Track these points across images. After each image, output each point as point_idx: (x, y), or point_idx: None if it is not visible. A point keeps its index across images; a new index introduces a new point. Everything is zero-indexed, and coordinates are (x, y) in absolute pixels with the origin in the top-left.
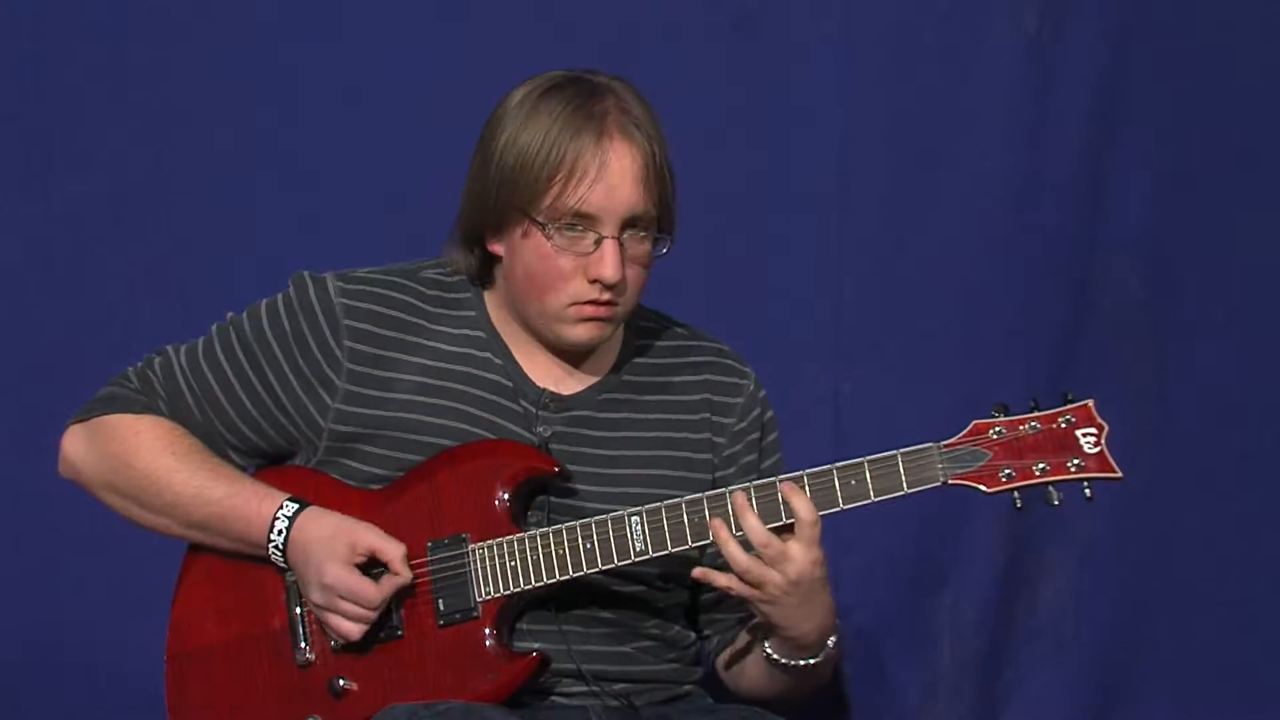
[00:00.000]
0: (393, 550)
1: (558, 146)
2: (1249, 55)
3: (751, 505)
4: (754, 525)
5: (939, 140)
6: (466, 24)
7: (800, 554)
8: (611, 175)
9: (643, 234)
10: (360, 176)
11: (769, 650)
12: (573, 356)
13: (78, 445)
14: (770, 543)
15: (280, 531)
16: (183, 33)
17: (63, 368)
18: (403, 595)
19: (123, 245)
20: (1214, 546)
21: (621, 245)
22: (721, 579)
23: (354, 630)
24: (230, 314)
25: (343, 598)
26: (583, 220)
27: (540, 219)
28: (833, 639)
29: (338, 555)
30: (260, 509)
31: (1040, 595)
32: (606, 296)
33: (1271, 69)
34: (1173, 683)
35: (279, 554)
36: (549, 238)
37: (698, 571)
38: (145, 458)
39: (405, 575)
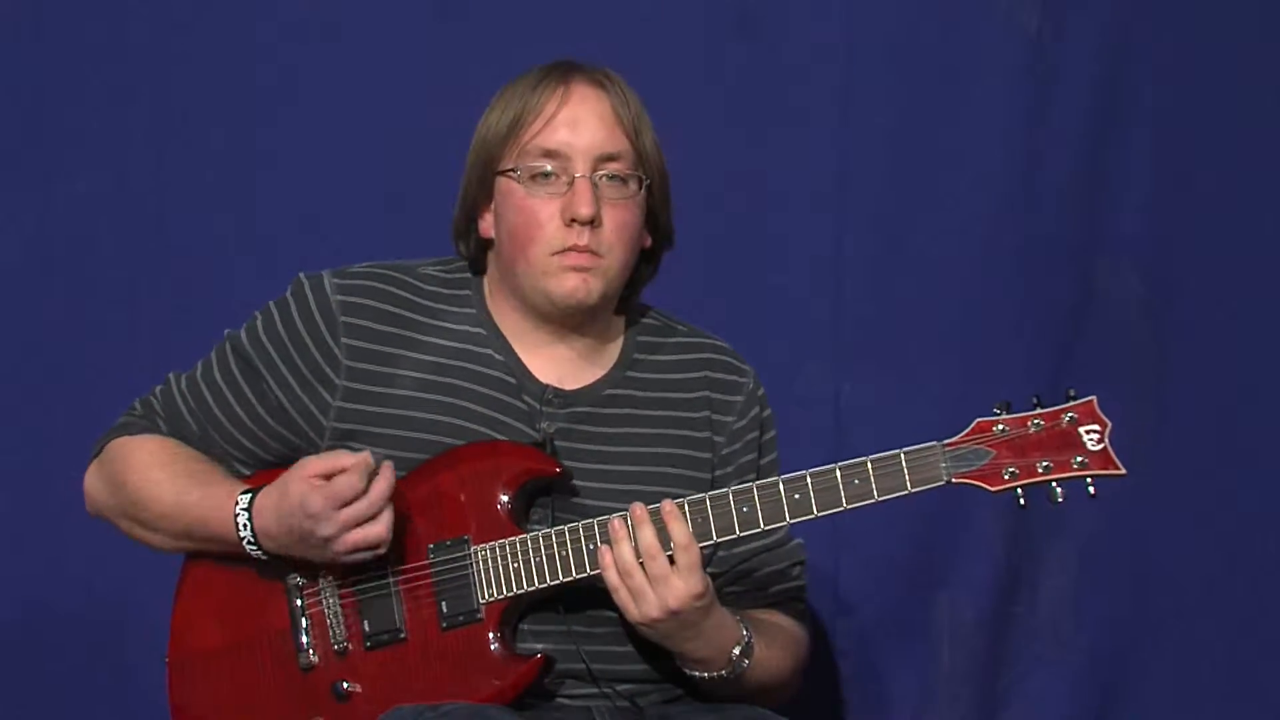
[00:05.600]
0: (343, 458)
1: (520, 99)
2: (1249, 55)
3: (649, 520)
4: (648, 538)
5: (939, 140)
6: (466, 24)
7: (679, 583)
8: (574, 110)
9: (619, 176)
10: (360, 176)
11: (678, 659)
12: (575, 351)
13: (94, 480)
14: (657, 555)
15: (244, 525)
16: (183, 33)
17: (63, 368)
18: (406, 598)
19: (123, 245)
20: (1214, 546)
21: (595, 185)
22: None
23: (379, 532)
24: (228, 330)
25: (340, 508)
26: (552, 159)
27: (511, 166)
28: (738, 648)
29: (304, 490)
30: (224, 508)
31: (1040, 595)
32: (585, 240)
33: (1271, 69)
34: (1173, 682)
35: (255, 548)
36: (520, 183)
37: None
38: (137, 473)
39: (363, 462)
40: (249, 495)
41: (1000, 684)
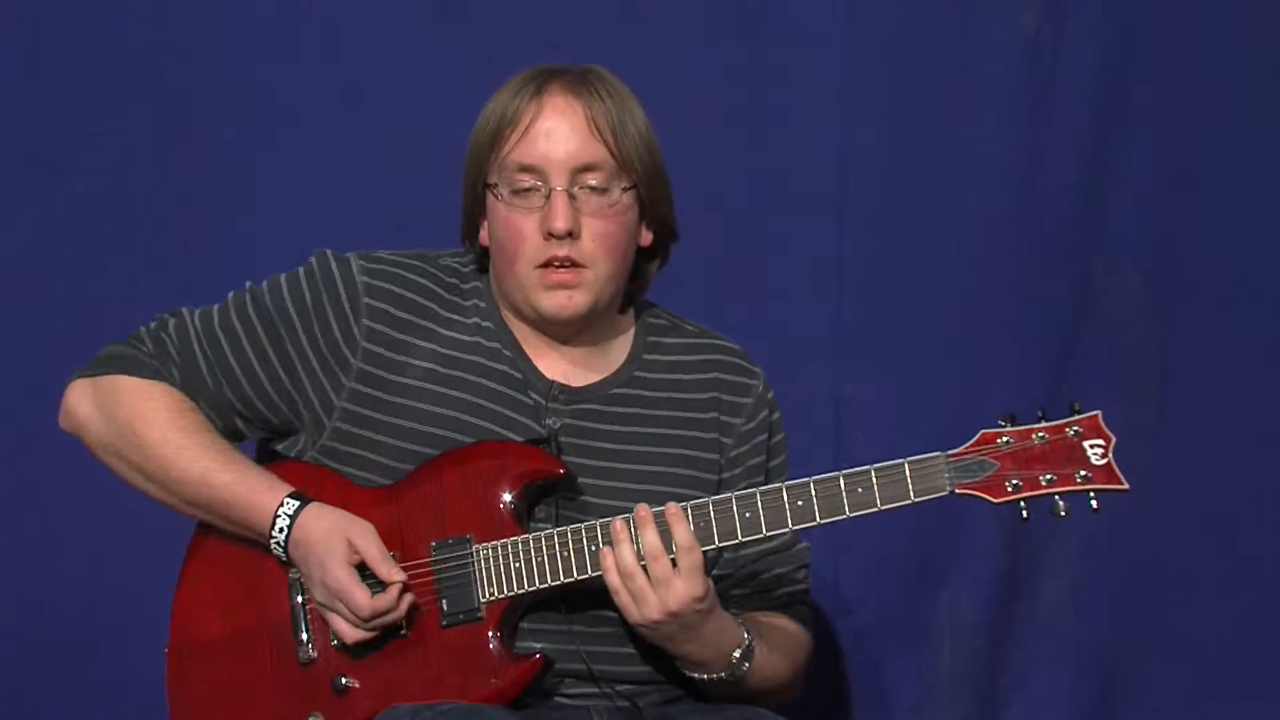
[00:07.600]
0: (395, 572)
1: (500, 110)
2: (1249, 55)
3: (653, 522)
4: (651, 540)
5: (939, 140)
6: (465, 24)
7: (681, 585)
8: (548, 123)
9: (600, 187)
10: (361, 177)
11: (678, 661)
12: (582, 350)
13: (84, 402)
14: (660, 558)
15: (282, 529)
16: (183, 33)
17: (63, 368)
18: (406, 595)
19: (123, 245)
20: (1214, 546)
21: (573, 198)
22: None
23: (351, 634)
24: (250, 283)
25: (340, 600)
26: (530, 174)
27: (492, 180)
28: (738, 651)
29: (337, 554)
30: (264, 501)
31: (1040, 595)
32: (564, 253)
33: (1271, 69)
34: (1173, 682)
35: (280, 549)
36: (500, 198)
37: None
38: (156, 429)
39: (395, 585)
40: (297, 503)
41: (1000, 685)
